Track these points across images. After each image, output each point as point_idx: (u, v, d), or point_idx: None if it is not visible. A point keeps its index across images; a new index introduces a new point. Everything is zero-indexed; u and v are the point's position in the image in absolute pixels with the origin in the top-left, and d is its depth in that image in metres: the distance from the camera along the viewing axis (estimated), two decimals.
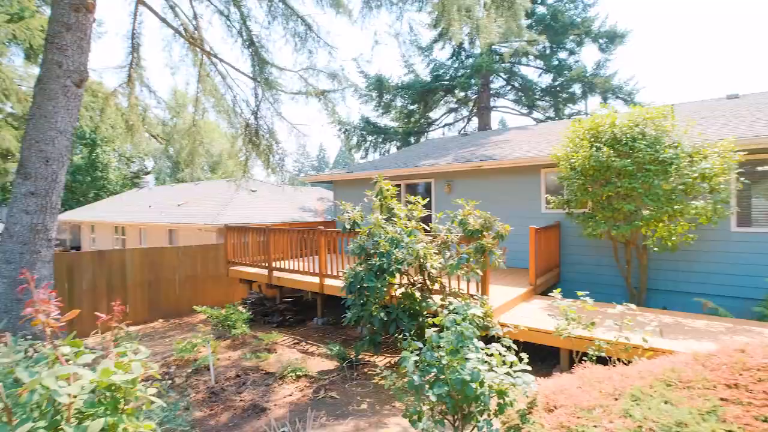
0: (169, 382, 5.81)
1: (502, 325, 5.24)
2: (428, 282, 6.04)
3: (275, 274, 8.94)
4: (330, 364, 6.40)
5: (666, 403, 3.02)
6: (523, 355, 3.81)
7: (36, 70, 13.01)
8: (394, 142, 19.53)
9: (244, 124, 11.77)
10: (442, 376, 3.48)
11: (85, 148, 31.94)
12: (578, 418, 3.07)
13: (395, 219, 6.23)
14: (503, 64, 18.39)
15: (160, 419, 3.42)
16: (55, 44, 6.98)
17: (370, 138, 19.39)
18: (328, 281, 7.89)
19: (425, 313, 5.89)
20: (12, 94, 11.22)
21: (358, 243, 5.96)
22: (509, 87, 19.77)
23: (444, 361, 3.52)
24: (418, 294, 5.95)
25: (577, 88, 17.90)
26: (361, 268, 5.77)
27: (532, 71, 20.50)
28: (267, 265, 9.10)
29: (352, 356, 6.27)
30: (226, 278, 10.88)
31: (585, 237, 7.31)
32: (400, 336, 5.97)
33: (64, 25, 7.04)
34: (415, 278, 6.15)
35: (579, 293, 4.84)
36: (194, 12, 10.22)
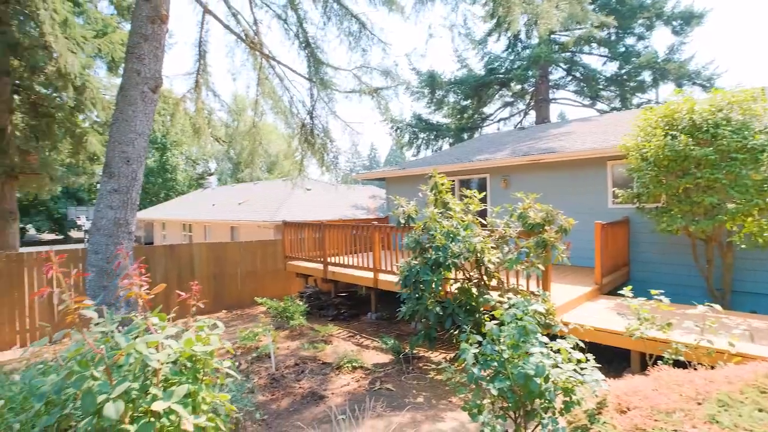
0: (237, 365, 6.13)
1: (565, 324, 4.99)
2: (485, 278, 5.89)
3: (330, 268, 9.14)
4: (384, 358, 6.44)
5: (760, 411, 2.71)
6: (589, 356, 3.60)
7: (116, 81, 14.29)
8: (447, 138, 19.27)
9: (300, 124, 12.15)
10: (504, 371, 3.37)
11: (157, 152, 34.61)
12: (655, 421, 2.84)
13: (450, 213, 6.13)
14: (563, 54, 17.52)
15: (232, 396, 3.61)
16: (135, 54, 7.59)
17: (422, 135, 19.29)
18: (382, 276, 7.95)
19: (482, 309, 5.76)
20: (98, 103, 12.39)
21: (414, 237, 5.94)
22: (570, 77, 18.81)
23: (505, 355, 3.41)
24: (474, 290, 5.82)
25: (646, 76, 16.64)
26: (416, 262, 5.75)
27: (595, 60, 19.37)
28: (322, 259, 9.34)
29: (406, 350, 6.26)
30: (283, 272, 11.31)
31: (658, 233, 6.77)
32: (456, 332, 5.88)
33: (142, 36, 7.64)
34: (471, 273, 6.02)
35: (653, 292, 4.50)
36: (254, 18, 10.70)
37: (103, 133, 13.98)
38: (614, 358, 5.72)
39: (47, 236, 29.89)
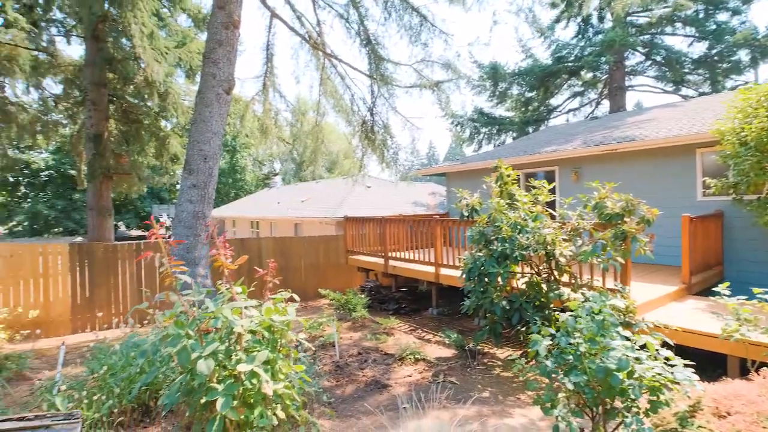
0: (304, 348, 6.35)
1: (647, 325, 4.58)
2: (555, 272, 5.57)
3: (391, 263, 9.18)
4: (447, 352, 6.33)
5: None
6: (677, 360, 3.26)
7: (194, 88, 15.44)
8: (510, 132, 18.57)
9: (360, 121, 12.34)
10: (580, 365, 3.16)
11: (228, 154, 36.96)
12: (763, 428, 2.51)
13: (517, 204, 5.88)
14: (641, 37, 16.11)
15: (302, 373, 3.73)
16: (210, 59, 8.14)
17: (483, 130, 18.75)
18: (443, 271, 7.83)
19: (552, 305, 5.46)
20: (178, 108, 13.48)
21: (478, 229, 5.78)
22: (649, 62, 17.26)
23: (582, 349, 3.19)
24: (544, 285, 5.54)
25: (743, 55, 14.81)
26: (481, 254, 5.58)
27: (679, 41, 17.60)
28: (383, 254, 9.40)
29: (470, 345, 6.11)
30: (344, 267, 11.55)
31: (761, 227, 6.01)
32: (523, 329, 5.63)
33: (217, 42, 8.16)
34: (540, 267, 5.72)
35: (755, 290, 3.99)
36: (317, 19, 11.03)
37: (183, 136, 15.19)
38: (706, 363, 5.16)
39: (135, 232, 33.11)
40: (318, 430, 2.39)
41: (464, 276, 5.77)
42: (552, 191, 6.02)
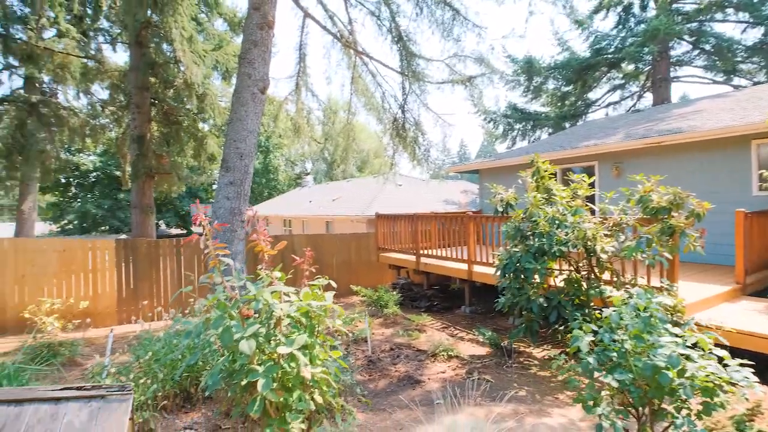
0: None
1: (697, 325, 4.32)
2: (596, 269, 5.36)
3: (423, 260, 9.11)
4: (481, 350, 6.21)
5: None
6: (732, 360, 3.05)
7: (229, 90, 15.91)
8: (545, 128, 18.01)
9: (391, 118, 12.33)
10: (624, 363, 3.02)
11: (261, 155, 37.87)
12: None
13: (555, 199, 5.69)
14: (688, 25, 15.22)
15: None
16: (246, 59, 8.34)
17: (517, 126, 18.29)
18: (477, 268, 7.69)
19: (592, 303, 5.25)
20: (215, 109, 13.93)
21: (514, 224, 5.63)
22: (697, 51, 16.28)
23: (627, 346, 3.05)
24: (583, 282, 5.33)
25: None
26: (517, 249, 5.44)
27: (730, 28, 16.55)
28: (415, 251, 9.35)
29: (505, 344, 5.97)
30: (375, 264, 11.57)
31: None
32: (561, 327, 5.45)
33: (252, 42, 8.36)
34: (580, 264, 5.52)
35: None
36: (349, 17, 11.10)
37: (219, 136, 15.68)
38: (763, 368, 4.82)
39: (174, 231, 34.52)
40: (354, 417, 2.39)
41: (499, 272, 5.65)
42: (591, 186, 5.78)
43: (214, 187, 30.32)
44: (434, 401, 4.42)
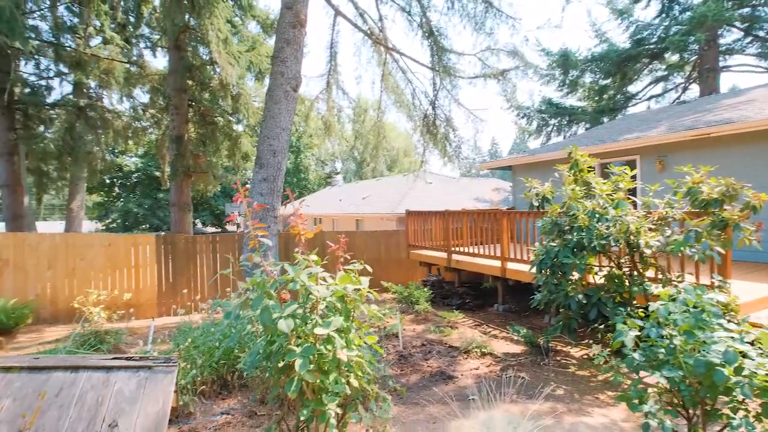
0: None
1: (753, 325, 4.03)
2: (639, 265, 5.11)
3: (454, 257, 8.99)
4: (515, 348, 6.06)
5: None
6: None
7: (262, 90, 16.27)
8: (582, 123, 17.38)
9: (421, 115, 12.26)
10: (673, 360, 2.85)
11: (292, 155, 38.56)
12: None
13: (594, 192, 5.47)
14: (739, 11, 14.28)
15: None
16: (279, 58, 8.49)
17: (552, 121, 17.73)
18: (510, 265, 7.51)
19: (635, 301, 5.02)
20: (249, 108, 14.29)
21: (551, 218, 5.46)
22: (749, 39, 15.25)
23: (676, 342, 2.88)
24: (626, 280, 5.10)
25: None
26: (554, 244, 5.26)
27: None
28: (446, 248, 9.23)
29: (541, 342, 5.79)
30: (405, 261, 11.51)
31: None
32: (602, 326, 5.22)
33: (285, 41, 8.50)
34: (621, 260, 5.28)
35: None
36: (380, 14, 11.11)
37: (253, 135, 16.07)
38: None
39: (210, 229, 35.69)
40: (389, 405, 2.36)
41: (535, 268, 5.48)
42: (633, 179, 5.51)
43: (248, 185, 31.16)
44: (468, 397, 4.34)
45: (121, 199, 32.19)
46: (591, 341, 6.09)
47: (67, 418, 1.42)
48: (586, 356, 5.65)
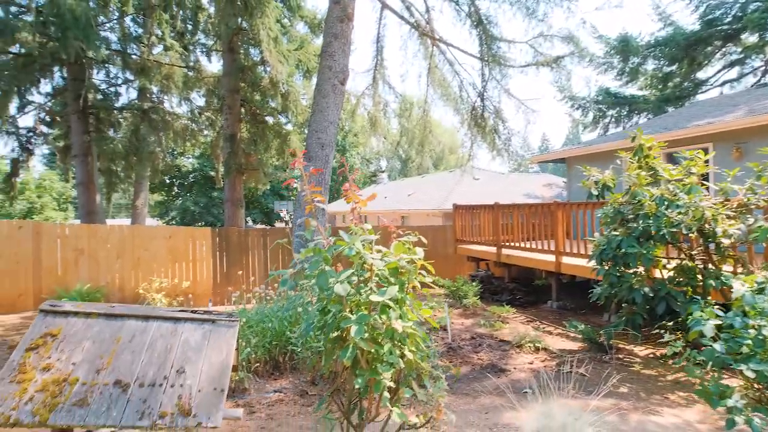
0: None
1: None
2: (714, 256, 4.66)
3: (504, 251, 8.69)
4: (572, 345, 5.73)
5: None
6: None
7: (309, 88, 16.63)
8: (644, 113, 16.19)
9: (469, 108, 11.99)
10: (762, 352, 2.54)
11: (338, 153, 39.19)
12: None
13: (661, 178, 5.05)
14: None
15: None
16: (327, 52, 8.61)
17: (610, 112, 16.65)
18: (565, 259, 7.14)
19: (709, 297, 4.57)
20: (297, 106, 14.66)
21: (613, 206, 5.10)
22: None
23: (765, 332, 2.57)
24: (698, 272, 4.67)
25: None
26: (617, 233, 4.91)
27: None
28: (495, 242, 8.95)
29: (601, 339, 5.43)
30: (452, 256, 11.29)
31: None
32: (670, 323, 4.81)
33: (333, 35, 8.60)
34: (693, 251, 4.84)
35: None
36: (426, 5, 10.97)
37: (301, 133, 16.48)
38: None
39: (259, 226, 37.19)
40: (443, 384, 2.27)
41: (594, 260, 5.15)
42: (706, 163, 5.02)
43: (295, 185, 32.01)
44: (522, 390, 4.14)
45: (180, 198, 34.24)
46: (656, 342, 5.64)
47: (140, 362, 1.52)
48: (652, 355, 5.24)
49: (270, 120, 16.08)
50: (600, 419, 3.05)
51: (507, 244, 8.61)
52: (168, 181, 33.36)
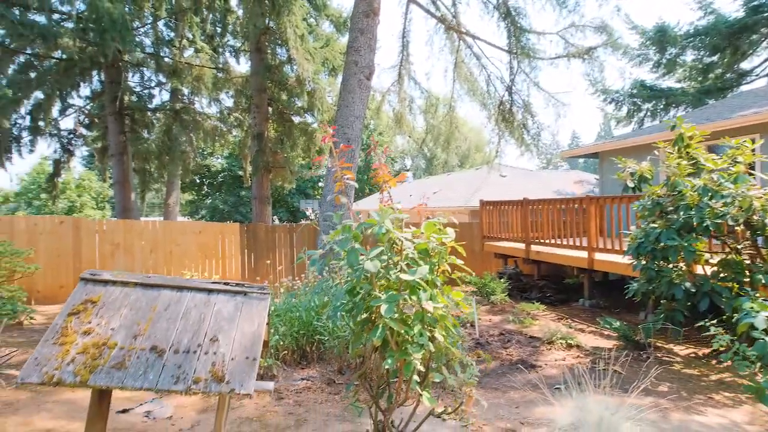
0: None
1: None
2: (763, 250, 4.38)
3: (534, 248, 8.47)
4: (606, 343, 5.51)
5: None
6: None
7: (335, 86, 16.72)
8: (682, 106, 15.44)
9: (497, 102, 11.78)
10: None
11: (362, 152, 39.35)
12: None
13: (705, 167, 4.79)
14: None
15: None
16: (353, 47, 8.62)
17: (645, 106, 15.93)
18: (599, 255, 6.89)
19: (757, 293, 4.30)
20: (323, 103, 14.77)
21: (651, 197, 4.88)
22: None
23: None
24: (746, 267, 4.40)
25: None
26: (655, 225, 4.69)
27: None
28: (524, 239, 8.74)
29: (638, 337, 5.20)
30: (479, 254, 11.10)
31: None
32: (714, 320, 4.55)
33: (359, 30, 8.61)
34: (739, 245, 4.56)
35: None
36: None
37: (326, 131, 16.64)
38: None
39: (285, 224, 37.83)
40: (474, 370, 2.20)
41: (631, 254, 4.93)
42: (752, 153, 4.73)
43: (320, 184, 32.33)
44: (553, 386, 4.00)
45: (209, 197, 35.20)
46: (695, 342, 5.36)
47: (175, 330, 1.58)
48: (693, 354, 4.98)
49: (296, 119, 16.29)
50: (639, 415, 2.91)
51: (537, 240, 8.39)
52: (198, 180, 34.35)
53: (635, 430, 2.54)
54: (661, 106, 15.65)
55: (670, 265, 4.61)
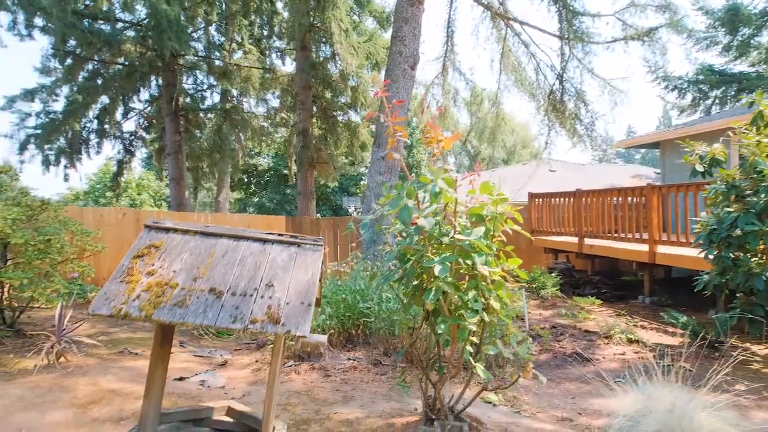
0: None
1: None
2: None
3: (587, 241, 8.03)
4: (670, 340, 5.11)
5: None
6: None
7: (375, 83, 16.75)
8: (756, 92, 14.09)
9: (547, 91, 11.30)
10: None
11: (405, 149, 39.25)
12: None
13: None
14: None
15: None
16: (398, 37, 8.56)
17: (713, 93, 14.62)
18: (661, 248, 6.40)
19: None
20: (367, 98, 14.85)
21: (725, 180, 4.45)
22: None
23: None
24: None
25: None
26: (731, 209, 4.27)
27: None
28: (577, 232, 8.31)
29: (709, 335, 4.76)
30: (527, 248, 10.67)
31: None
32: None
33: (403, 19, 8.53)
34: None
35: None
36: None
37: (369, 126, 16.71)
38: None
39: (329, 218, 38.54)
40: (530, 347, 2.06)
41: (702, 240, 4.52)
42: None
43: (362, 182, 32.63)
44: (613, 378, 3.73)
45: (256, 195, 36.54)
46: None
47: (232, 275, 1.64)
48: None
49: (340, 114, 16.50)
50: (715, 411, 2.63)
51: (591, 233, 7.95)
52: (246, 179, 35.76)
53: (714, 419, 2.28)
54: (732, 93, 14.32)
55: (749, 254, 4.17)
